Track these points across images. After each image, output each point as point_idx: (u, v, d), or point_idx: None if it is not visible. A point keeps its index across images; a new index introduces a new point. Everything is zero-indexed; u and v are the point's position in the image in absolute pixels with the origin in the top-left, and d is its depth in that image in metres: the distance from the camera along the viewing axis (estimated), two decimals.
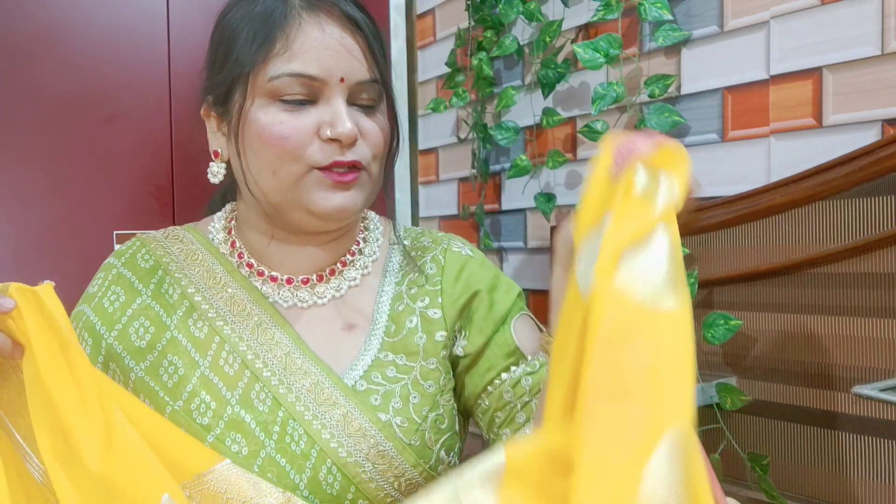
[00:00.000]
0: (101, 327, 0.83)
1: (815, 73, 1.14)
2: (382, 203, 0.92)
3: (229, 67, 0.79)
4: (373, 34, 0.80)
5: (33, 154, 1.50)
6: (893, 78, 1.05)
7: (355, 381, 0.81)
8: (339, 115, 0.77)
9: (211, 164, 0.85)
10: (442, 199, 1.95)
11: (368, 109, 0.81)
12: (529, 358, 0.85)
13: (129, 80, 1.58)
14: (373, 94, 0.81)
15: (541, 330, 0.89)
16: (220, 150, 0.84)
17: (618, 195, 0.59)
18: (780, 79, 1.19)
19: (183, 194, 1.63)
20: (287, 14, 0.77)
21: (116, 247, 0.89)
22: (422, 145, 2.02)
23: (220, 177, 0.85)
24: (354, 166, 0.79)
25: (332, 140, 0.77)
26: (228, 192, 0.93)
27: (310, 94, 0.78)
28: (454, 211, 1.91)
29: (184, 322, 0.83)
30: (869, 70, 1.08)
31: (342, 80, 0.78)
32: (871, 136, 1.08)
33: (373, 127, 0.81)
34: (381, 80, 0.81)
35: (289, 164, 0.78)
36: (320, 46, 0.77)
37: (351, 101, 0.80)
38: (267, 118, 0.78)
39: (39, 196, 1.51)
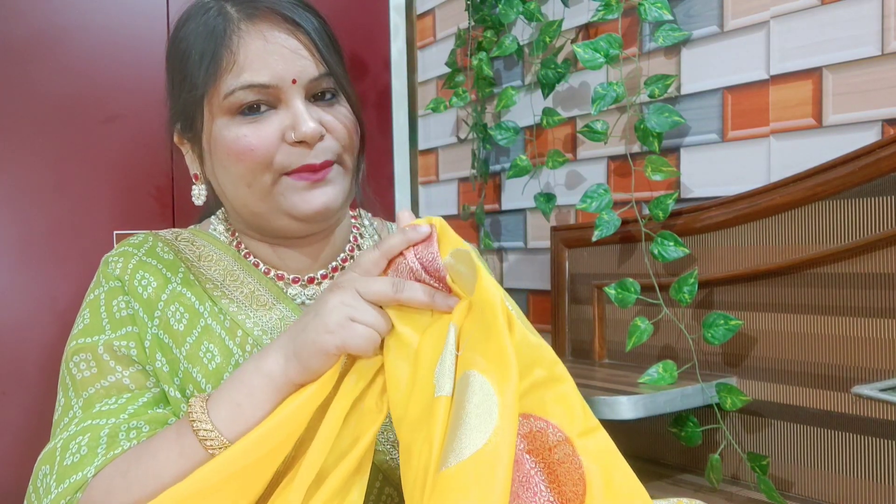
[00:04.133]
0: (143, 314, 0.81)
1: (815, 73, 1.14)
2: (382, 204, 0.93)
3: (186, 93, 0.81)
4: (316, 30, 0.80)
5: (33, 154, 1.50)
6: (893, 78, 1.05)
7: None
8: (299, 116, 0.77)
9: (192, 187, 0.86)
10: (442, 199, 1.95)
11: (329, 103, 0.81)
12: None
13: (129, 81, 1.58)
14: (329, 87, 0.81)
15: None
16: (198, 174, 0.86)
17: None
18: (780, 79, 1.18)
19: (183, 194, 1.62)
20: (227, 29, 0.78)
21: (117, 245, 0.88)
22: (422, 145, 2.02)
23: (203, 198, 0.86)
24: (326, 164, 0.80)
25: (299, 143, 0.78)
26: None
27: (267, 102, 0.78)
28: (454, 211, 1.90)
29: (212, 313, 0.83)
30: (869, 70, 1.08)
31: (294, 81, 0.78)
32: (871, 136, 1.08)
33: (335, 120, 0.81)
34: (332, 72, 0.81)
35: (260, 175, 0.78)
36: (265, 53, 0.77)
37: (310, 99, 0.80)
38: (231, 134, 0.78)
39: (40, 196, 1.51)
